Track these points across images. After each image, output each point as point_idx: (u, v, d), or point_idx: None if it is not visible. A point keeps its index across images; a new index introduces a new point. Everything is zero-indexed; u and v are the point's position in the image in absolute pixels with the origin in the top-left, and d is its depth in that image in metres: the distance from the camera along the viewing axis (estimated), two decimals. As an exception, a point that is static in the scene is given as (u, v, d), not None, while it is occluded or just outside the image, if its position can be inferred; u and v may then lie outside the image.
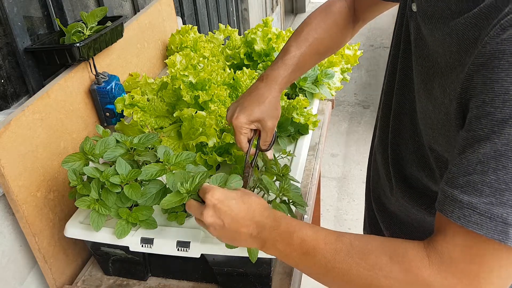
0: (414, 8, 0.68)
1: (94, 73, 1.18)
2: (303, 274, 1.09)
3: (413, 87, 0.73)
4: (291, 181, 0.93)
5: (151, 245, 0.92)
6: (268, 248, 0.70)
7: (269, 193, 0.90)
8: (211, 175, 0.82)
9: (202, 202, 0.75)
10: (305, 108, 1.24)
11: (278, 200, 0.90)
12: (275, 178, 0.98)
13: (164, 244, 0.91)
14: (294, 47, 0.93)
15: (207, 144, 1.08)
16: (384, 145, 0.85)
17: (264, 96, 0.90)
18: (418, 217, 0.81)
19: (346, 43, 1.03)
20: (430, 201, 0.77)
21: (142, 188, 0.90)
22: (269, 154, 0.97)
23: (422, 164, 0.74)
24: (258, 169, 1.03)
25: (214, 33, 1.67)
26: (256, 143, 0.95)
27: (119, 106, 1.18)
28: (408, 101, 0.76)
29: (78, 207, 0.94)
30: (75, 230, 0.96)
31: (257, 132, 0.94)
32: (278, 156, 1.11)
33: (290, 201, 0.90)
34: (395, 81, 0.79)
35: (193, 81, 1.16)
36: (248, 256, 0.80)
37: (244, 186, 0.91)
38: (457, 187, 0.53)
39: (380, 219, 0.95)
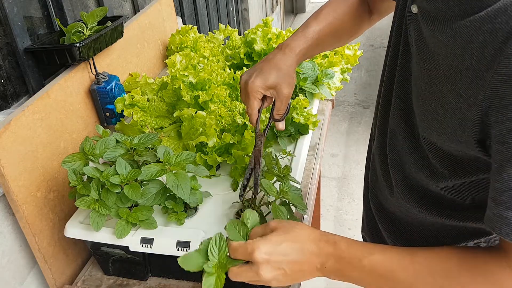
0: (414, 9, 0.68)
1: (94, 73, 1.18)
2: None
3: (410, 89, 0.72)
4: (292, 182, 0.93)
5: (151, 245, 0.92)
6: (336, 277, 0.68)
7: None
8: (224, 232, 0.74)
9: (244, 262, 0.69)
10: (305, 108, 1.24)
11: (278, 201, 0.90)
12: (275, 178, 0.98)
13: (164, 244, 0.91)
14: (314, 23, 0.94)
15: (207, 144, 1.08)
16: (382, 146, 0.85)
17: (281, 63, 0.90)
18: (419, 217, 0.81)
19: (362, 31, 1.04)
20: (431, 201, 0.76)
21: (142, 188, 0.90)
22: (281, 125, 0.97)
23: (420, 165, 0.74)
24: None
25: (214, 33, 1.67)
26: (268, 114, 0.94)
27: (119, 106, 1.18)
28: (405, 102, 0.75)
29: (78, 207, 0.94)
30: (75, 230, 0.97)
31: (266, 103, 0.93)
32: (278, 156, 1.11)
33: (290, 202, 0.90)
34: (393, 83, 0.79)
35: (193, 81, 1.17)
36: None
37: (258, 155, 0.92)
38: (501, 203, 0.54)
39: (378, 220, 0.95)
